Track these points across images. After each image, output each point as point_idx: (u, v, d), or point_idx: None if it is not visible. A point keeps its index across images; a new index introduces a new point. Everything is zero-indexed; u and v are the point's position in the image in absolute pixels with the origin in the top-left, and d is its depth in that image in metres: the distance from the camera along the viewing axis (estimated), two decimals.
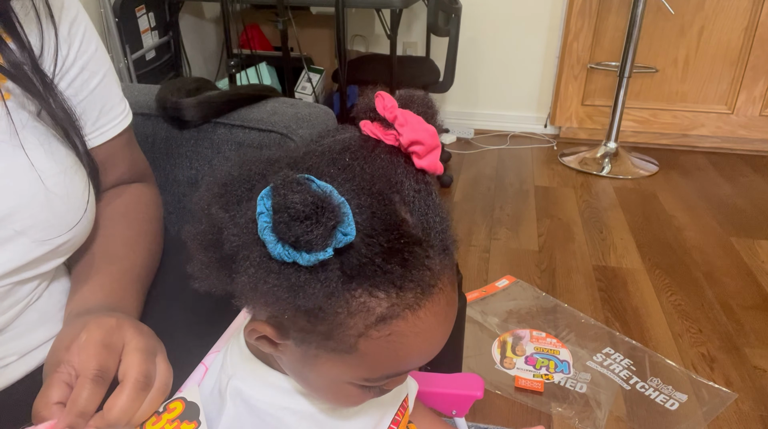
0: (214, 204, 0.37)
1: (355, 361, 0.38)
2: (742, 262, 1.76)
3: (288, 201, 0.32)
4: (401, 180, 0.37)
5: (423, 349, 0.39)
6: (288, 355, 0.42)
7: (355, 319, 0.36)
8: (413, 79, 2.32)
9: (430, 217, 0.38)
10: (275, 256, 0.33)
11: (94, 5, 1.91)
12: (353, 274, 0.34)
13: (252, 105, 0.88)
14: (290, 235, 0.31)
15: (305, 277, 0.33)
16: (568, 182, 2.36)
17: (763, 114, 2.57)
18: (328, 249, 0.32)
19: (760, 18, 2.40)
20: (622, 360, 1.33)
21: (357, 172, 0.36)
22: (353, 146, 0.38)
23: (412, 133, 0.37)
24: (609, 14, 2.54)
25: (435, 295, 0.38)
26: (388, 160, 0.37)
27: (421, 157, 0.37)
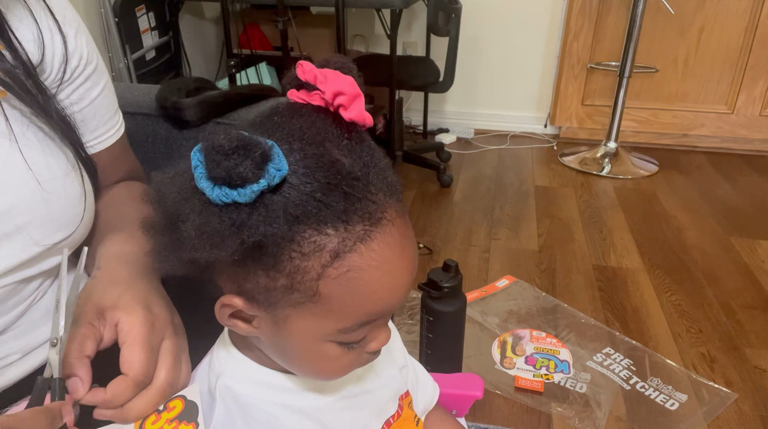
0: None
1: (322, 311, 0.39)
2: (742, 262, 1.76)
3: (215, 142, 0.33)
4: (331, 130, 0.38)
5: (387, 283, 0.40)
6: (263, 328, 0.42)
7: (310, 261, 0.37)
8: (413, 79, 2.32)
9: (365, 159, 0.39)
10: (214, 200, 0.34)
11: (94, 5, 1.91)
12: (297, 214, 0.35)
13: (252, 105, 0.88)
14: (221, 171, 0.33)
15: (247, 212, 0.35)
16: (568, 182, 2.36)
17: (763, 114, 2.57)
18: (261, 180, 0.33)
19: (760, 18, 2.40)
20: (622, 360, 1.33)
21: (286, 126, 0.38)
22: (281, 109, 0.40)
23: (333, 85, 0.38)
24: (609, 14, 2.54)
25: (385, 226, 0.38)
26: (316, 117, 0.39)
27: (346, 108, 0.38)
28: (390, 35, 2.03)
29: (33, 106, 0.52)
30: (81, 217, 0.55)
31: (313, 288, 0.38)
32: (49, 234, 0.52)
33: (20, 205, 0.50)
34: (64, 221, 0.54)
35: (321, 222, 0.36)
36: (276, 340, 0.43)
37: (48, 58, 0.55)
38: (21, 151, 0.50)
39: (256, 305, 0.40)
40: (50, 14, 0.55)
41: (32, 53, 0.53)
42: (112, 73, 1.98)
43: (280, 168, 0.34)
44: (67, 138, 0.56)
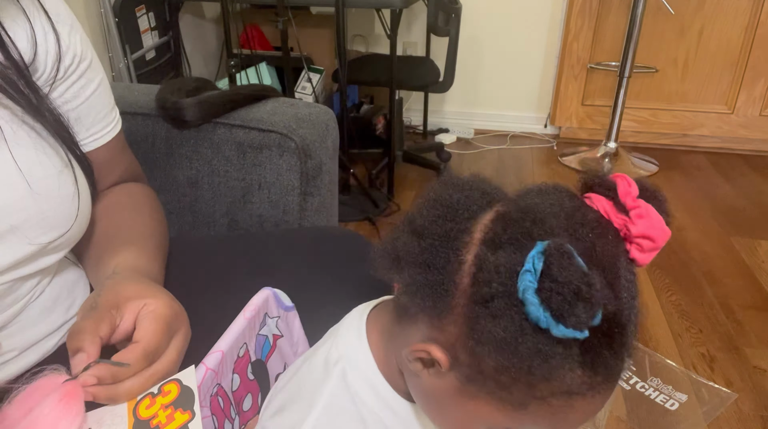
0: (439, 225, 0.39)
1: (514, 415, 0.39)
2: (742, 262, 1.76)
3: (568, 275, 0.32)
4: (623, 267, 0.38)
5: (574, 424, 0.40)
6: (437, 381, 0.41)
7: (546, 385, 0.36)
8: (413, 79, 2.32)
9: (632, 310, 0.38)
10: (532, 318, 0.33)
11: (94, 5, 1.91)
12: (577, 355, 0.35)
13: (252, 105, 0.88)
14: (563, 308, 0.32)
15: (552, 347, 0.34)
16: (568, 182, 2.35)
17: (763, 114, 2.57)
18: (586, 330, 0.33)
19: (760, 18, 2.40)
20: None
21: (596, 252, 0.36)
22: (591, 222, 0.38)
23: (649, 228, 0.37)
24: (609, 14, 2.54)
25: (613, 382, 0.38)
26: (615, 245, 0.38)
27: (643, 251, 0.38)
28: (390, 35, 2.03)
29: (25, 105, 0.52)
30: (75, 217, 0.55)
31: (525, 401, 0.37)
32: (43, 233, 0.52)
33: (13, 204, 0.50)
34: (57, 220, 0.54)
35: (579, 363, 0.35)
36: (439, 395, 0.42)
37: (41, 57, 0.54)
38: (11, 150, 0.50)
39: (455, 370, 0.39)
40: (43, 12, 0.55)
41: (25, 52, 0.53)
42: (112, 73, 1.98)
43: (599, 317, 0.33)
44: (60, 137, 0.55)
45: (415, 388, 0.44)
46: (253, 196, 0.86)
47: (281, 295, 0.60)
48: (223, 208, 0.88)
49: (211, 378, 0.52)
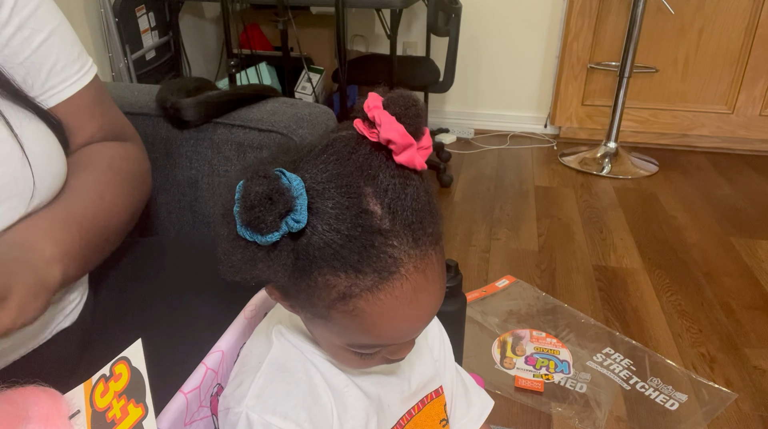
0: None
1: (333, 328, 0.44)
2: (742, 262, 1.76)
3: (247, 191, 0.37)
4: (376, 173, 0.40)
5: (393, 327, 0.43)
6: (299, 314, 0.47)
7: (320, 293, 0.41)
8: (413, 79, 2.32)
9: (399, 209, 0.40)
10: (240, 234, 0.38)
11: (94, 5, 1.91)
12: (315, 255, 0.39)
13: (252, 105, 0.88)
14: (247, 217, 0.37)
15: (260, 253, 0.39)
16: (568, 182, 2.36)
17: (763, 114, 2.57)
18: (276, 233, 0.37)
19: (760, 18, 2.40)
20: (622, 360, 1.33)
21: (331, 167, 0.40)
22: (337, 144, 0.41)
23: (385, 131, 0.39)
24: (609, 14, 2.54)
25: (396, 281, 0.40)
26: (366, 156, 0.40)
27: (397, 153, 0.40)
28: (390, 35, 2.03)
29: None
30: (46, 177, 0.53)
31: (324, 313, 0.42)
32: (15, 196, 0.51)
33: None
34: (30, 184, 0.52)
35: (334, 267, 0.39)
36: (308, 325, 0.49)
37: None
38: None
39: (289, 301, 0.46)
40: None
41: None
42: (112, 73, 1.98)
43: (299, 220, 0.37)
44: (17, 98, 0.53)
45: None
46: None
47: None
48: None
49: (211, 378, 0.52)
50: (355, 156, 0.40)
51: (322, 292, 0.40)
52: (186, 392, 0.49)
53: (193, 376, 0.51)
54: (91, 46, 1.92)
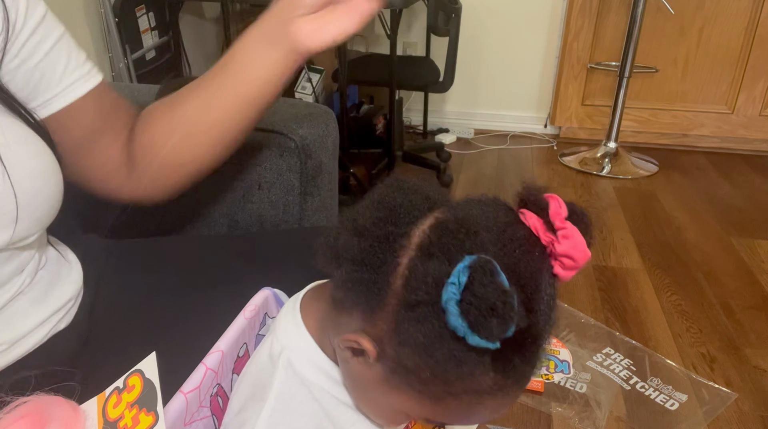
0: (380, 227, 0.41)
1: (431, 407, 0.42)
2: (742, 262, 1.76)
3: (486, 292, 0.34)
4: (544, 282, 0.40)
5: (484, 419, 0.44)
6: (364, 370, 0.44)
7: (460, 384, 0.39)
8: (413, 79, 2.32)
9: (548, 321, 0.40)
10: (450, 326, 0.35)
11: (94, 5, 1.91)
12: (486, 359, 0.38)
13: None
14: (478, 321, 0.34)
15: (465, 353, 0.37)
16: (568, 182, 2.36)
17: (763, 114, 2.57)
18: (498, 342, 0.35)
19: (760, 18, 2.40)
20: (622, 360, 1.33)
21: (521, 268, 0.39)
22: (520, 238, 0.40)
23: (572, 248, 0.40)
24: (609, 14, 2.54)
25: (523, 385, 0.42)
26: (540, 261, 0.40)
27: (565, 268, 0.41)
28: (390, 35, 2.03)
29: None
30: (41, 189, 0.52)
31: (441, 396, 0.41)
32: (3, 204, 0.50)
33: None
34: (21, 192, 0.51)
35: (493, 368, 0.38)
36: (367, 382, 0.45)
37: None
38: None
39: (381, 362, 0.42)
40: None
41: None
42: (112, 73, 1.98)
43: (512, 331, 0.35)
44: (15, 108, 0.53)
45: (344, 373, 0.47)
46: (253, 196, 0.86)
47: (281, 295, 0.60)
48: (223, 208, 0.88)
49: (211, 378, 0.52)
50: (530, 258, 0.40)
51: (461, 383, 0.39)
52: (186, 392, 0.49)
53: (192, 376, 0.51)
54: (91, 46, 1.92)
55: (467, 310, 0.35)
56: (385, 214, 0.41)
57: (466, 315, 0.35)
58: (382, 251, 0.40)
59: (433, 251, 0.38)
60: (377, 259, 0.40)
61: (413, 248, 0.39)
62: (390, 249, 0.40)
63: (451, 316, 0.35)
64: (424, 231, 0.40)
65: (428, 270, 0.37)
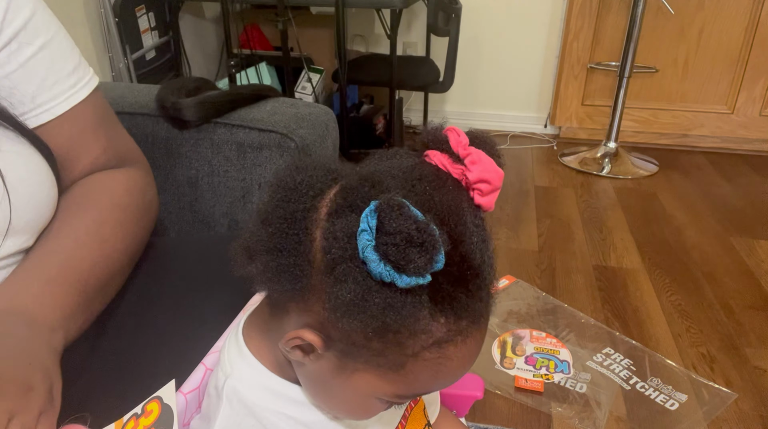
0: (283, 208, 0.39)
1: (396, 379, 0.40)
2: (742, 262, 1.76)
3: (399, 225, 0.33)
4: (466, 214, 0.39)
5: (457, 373, 0.42)
6: (319, 365, 0.42)
7: (414, 340, 0.37)
8: (413, 79, 2.32)
9: (484, 252, 0.39)
10: (375, 275, 0.34)
11: (94, 5, 1.91)
12: (427, 301, 0.36)
13: (252, 105, 0.88)
14: (399, 258, 0.33)
15: (399, 298, 0.35)
16: (568, 182, 2.36)
17: (763, 114, 2.57)
18: (428, 275, 0.34)
19: (760, 18, 2.40)
20: (622, 360, 1.33)
21: (435, 202, 0.37)
22: (428, 175, 0.39)
23: (482, 172, 0.39)
24: (609, 14, 2.54)
25: (481, 325, 0.40)
26: (456, 193, 0.39)
27: (483, 194, 0.39)
28: (390, 35, 2.03)
29: None
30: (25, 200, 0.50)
31: (401, 361, 0.38)
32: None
33: None
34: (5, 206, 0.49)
35: (438, 311, 0.37)
36: (326, 377, 0.42)
37: None
38: None
39: (331, 349, 0.40)
40: None
41: None
42: (112, 73, 1.98)
43: (439, 261, 0.34)
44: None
45: (302, 377, 0.45)
46: (253, 196, 0.86)
47: None
48: (223, 208, 0.88)
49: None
50: (449, 194, 0.38)
51: (415, 339, 0.37)
52: (185, 393, 0.49)
53: (192, 376, 0.51)
54: (91, 46, 1.92)
55: (385, 252, 0.33)
56: (285, 194, 0.39)
57: (385, 257, 0.33)
58: (294, 231, 0.38)
59: (340, 211, 0.37)
60: (290, 240, 0.38)
61: (323, 219, 0.38)
62: (301, 227, 0.38)
63: (372, 264, 0.33)
64: (331, 199, 0.38)
65: (336, 227, 0.36)
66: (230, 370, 0.46)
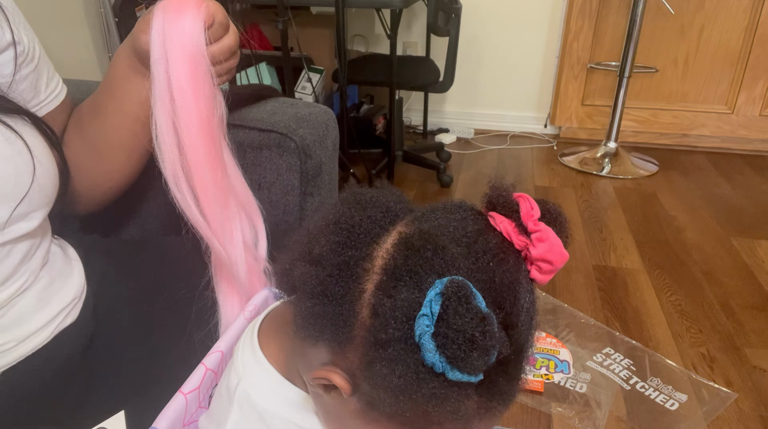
0: (339, 254, 0.37)
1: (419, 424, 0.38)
2: (742, 262, 1.76)
3: (463, 323, 0.32)
4: (522, 291, 0.37)
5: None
6: (340, 402, 0.40)
7: (443, 415, 0.36)
8: (413, 79, 2.32)
9: (530, 334, 0.38)
10: (427, 362, 0.33)
11: (94, 5, 1.91)
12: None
13: (252, 105, 0.88)
14: (457, 356, 0.32)
15: (447, 389, 0.34)
16: (568, 182, 2.36)
17: (763, 114, 2.57)
18: (480, 374, 0.33)
19: (760, 18, 2.40)
20: (622, 360, 1.33)
21: (496, 283, 0.36)
22: (492, 249, 0.37)
23: (547, 252, 0.37)
24: (609, 14, 2.54)
25: (510, 402, 0.39)
26: (516, 270, 0.37)
27: (542, 272, 0.38)
28: (390, 35, 2.03)
29: None
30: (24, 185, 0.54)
31: (425, 426, 0.38)
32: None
33: None
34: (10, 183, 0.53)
35: (477, 393, 0.36)
36: (341, 415, 0.41)
37: None
38: None
39: (357, 394, 0.38)
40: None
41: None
42: None
43: (494, 358, 0.33)
44: None
45: (317, 405, 0.44)
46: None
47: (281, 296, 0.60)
48: None
49: (211, 378, 0.52)
50: (505, 269, 0.36)
51: (446, 413, 0.36)
52: (185, 393, 0.49)
53: (192, 376, 0.51)
54: (91, 46, 1.92)
55: (444, 344, 0.32)
56: (343, 238, 0.37)
57: (442, 348, 0.32)
58: (344, 279, 0.36)
59: (399, 275, 0.34)
60: (339, 289, 0.36)
61: (377, 272, 0.36)
62: (352, 276, 0.36)
63: (428, 353, 0.32)
64: (388, 250, 0.36)
65: (397, 300, 0.34)
66: (243, 372, 0.45)
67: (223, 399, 0.46)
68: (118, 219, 0.84)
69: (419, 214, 0.39)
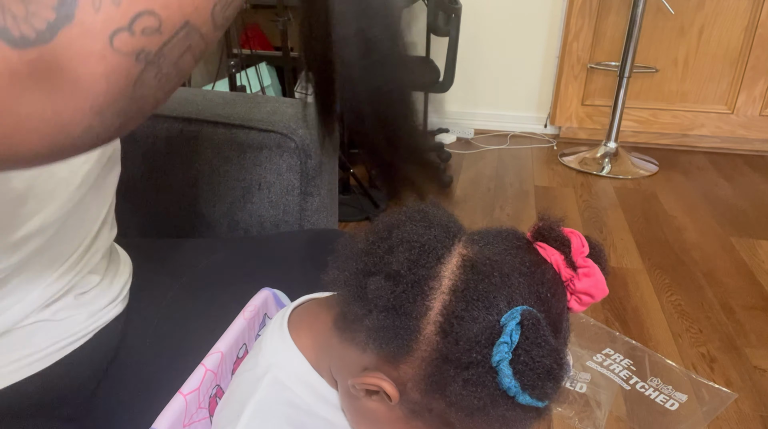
0: (414, 272, 0.38)
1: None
2: (742, 262, 1.75)
3: (541, 353, 0.35)
4: (566, 319, 0.40)
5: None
6: (381, 406, 0.42)
7: (488, 423, 0.38)
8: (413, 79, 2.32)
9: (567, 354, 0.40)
10: (503, 386, 0.35)
11: None
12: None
13: (252, 105, 0.88)
14: (532, 383, 0.34)
15: (516, 411, 0.37)
16: (568, 182, 2.36)
17: (763, 114, 2.57)
18: (548, 400, 0.36)
19: (760, 18, 2.40)
20: (622, 360, 1.33)
21: (552, 314, 0.38)
22: (549, 281, 0.39)
23: (591, 287, 0.40)
24: (609, 14, 2.54)
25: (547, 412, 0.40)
26: (563, 301, 0.40)
27: (581, 304, 0.40)
28: None
29: None
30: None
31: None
32: None
33: None
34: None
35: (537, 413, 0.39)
36: (378, 418, 0.43)
37: None
38: None
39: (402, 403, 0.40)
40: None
41: None
42: None
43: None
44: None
45: (350, 406, 0.45)
46: (253, 196, 0.86)
47: (281, 296, 0.60)
48: (223, 208, 0.88)
49: (210, 379, 0.52)
50: (557, 300, 0.39)
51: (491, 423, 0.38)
52: (185, 393, 0.49)
53: (192, 377, 0.51)
54: None
55: (520, 371, 0.34)
56: (418, 257, 0.38)
57: (519, 376, 0.34)
58: (414, 296, 0.38)
59: (470, 298, 0.37)
60: (409, 305, 0.38)
61: (445, 292, 0.37)
62: (421, 293, 0.38)
63: (504, 378, 0.34)
64: (453, 271, 0.38)
65: (470, 322, 0.36)
66: (273, 360, 0.46)
67: (248, 384, 0.46)
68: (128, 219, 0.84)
69: (475, 237, 0.41)
